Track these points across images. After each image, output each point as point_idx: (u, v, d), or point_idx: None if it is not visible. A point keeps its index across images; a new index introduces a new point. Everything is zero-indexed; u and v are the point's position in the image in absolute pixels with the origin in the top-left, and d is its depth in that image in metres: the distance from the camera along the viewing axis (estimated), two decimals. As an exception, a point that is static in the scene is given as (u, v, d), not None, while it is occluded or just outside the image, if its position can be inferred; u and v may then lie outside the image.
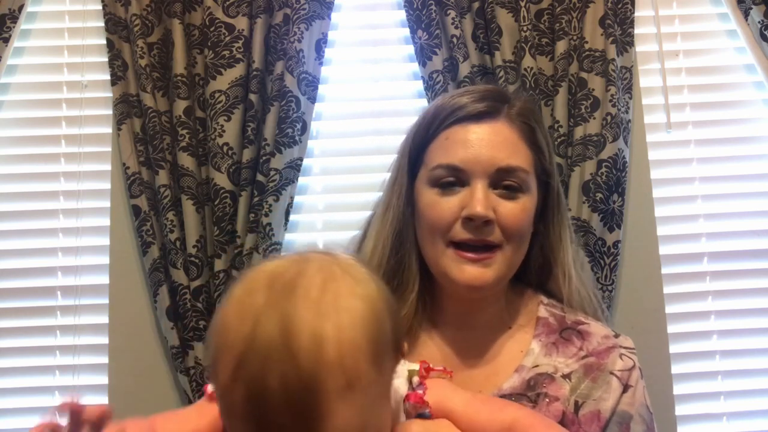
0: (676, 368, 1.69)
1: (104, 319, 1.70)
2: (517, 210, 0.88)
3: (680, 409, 1.68)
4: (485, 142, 0.88)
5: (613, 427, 0.88)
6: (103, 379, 1.68)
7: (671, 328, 1.71)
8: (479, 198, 0.86)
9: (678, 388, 1.69)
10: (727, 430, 1.69)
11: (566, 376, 0.90)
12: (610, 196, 1.63)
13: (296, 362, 0.53)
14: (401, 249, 0.93)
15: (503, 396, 0.89)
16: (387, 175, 1.00)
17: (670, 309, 1.71)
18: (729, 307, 1.73)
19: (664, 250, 1.74)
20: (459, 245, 0.88)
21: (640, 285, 1.71)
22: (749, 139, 1.79)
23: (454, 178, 0.88)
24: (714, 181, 1.77)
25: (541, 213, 0.95)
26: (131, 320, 1.69)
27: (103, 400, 1.67)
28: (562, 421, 0.86)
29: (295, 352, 0.53)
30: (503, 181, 0.88)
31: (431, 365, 0.77)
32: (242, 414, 0.54)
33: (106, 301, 1.70)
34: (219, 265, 1.61)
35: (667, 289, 1.72)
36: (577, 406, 0.88)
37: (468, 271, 0.87)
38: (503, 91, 1.06)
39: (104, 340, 1.69)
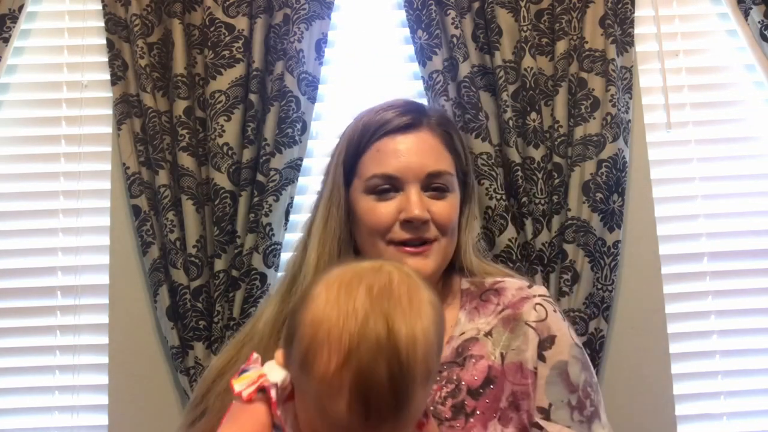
0: (676, 368, 1.69)
1: (104, 319, 1.70)
2: (447, 207, 1.00)
3: (680, 409, 1.68)
4: (413, 150, 1.00)
5: (555, 380, 0.93)
6: (103, 379, 1.68)
7: (671, 328, 1.71)
8: (415, 201, 0.97)
9: (678, 388, 1.69)
10: (727, 430, 1.69)
11: (488, 334, 0.97)
12: (610, 196, 1.63)
13: (399, 357, 0.66)
14: (342, 256, 1.01)
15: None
16: (318, 188, 1.10)
17: (670, 309, 1.71)
18: (729, 306, 1.73)
19: (664, 249, 1.74)
20: (398, 243, 0.98)
21: (640, 285, 1.71)
22: (749, 138, 1.79)
23: (389, 185, 0.99)
24: (714, 181, 1.77)
25: (460, 207, 1.06)
26: (131, 320, 1.69)
27: (103, 400, 1.67)
28: (489, 375, 0.93)
29: (398, 349, 0.66)
30: (432, 184, 1.00)
31: None
32: (349, 395, 0.65)
33: (106, 301, 1.70)
34: (219, 265, 1.61)
35: (667, 289, 1.72)
36: (503, 358, 0.95)
37: (410, 263, 0.94)
38: (420, 104, 1.16)
39: (104, 340, 1.69)
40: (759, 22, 1.70)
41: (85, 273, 1.73)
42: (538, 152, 1.64)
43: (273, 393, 0.72)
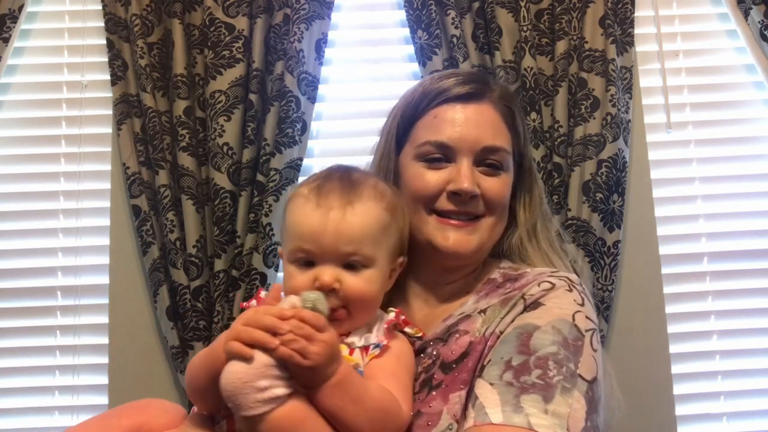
0: (676, 368, 1.69)
1: (104, 319, 1.70)
2: (499, 185, 0.94)
3: (680, 409, 1.68)
4: (472, 122, 0.94)
5: (509, 339, 0.82)
6: (103, 379, 1.68)
7: (671, 328, 1.71)
8: (466, 174, 0.91)
9: (678, 388, 1.69)
10: (727, 430, 1.69)
11: (482, 311, 0.90)
12: (610, 196, 1.63)
13: (350, 174, 0.87)
14: None
15: (425, 342, 0.90)
16: (370, 158, 1.06)
17: (670, 309, 1.71)
18: (729, 307, 1.73)
19: (664, 250, 1.74)
20: (442, 213, 0.93)
21: (640, 285, 1.71)
22: (749, 139, 1.80)
23: (441, 155, 0.94)
24: (714, 181, 1.78)
25: (513, 191, 1.00)
26: (131, 320, 1.69)
27: (103, 400, 1.67)
28: (467, 350, 0.85)
29: (350, 170, 0.88)
30: (486, 159, 0.94)
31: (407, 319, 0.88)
32: (308, 191, 0.84)
33: (106, 301, 1.71)
34: (219, 265, 1.61)
35: (667, 289, 1.72)
36: (487, 332, 0.86)
37: (452, 237, 0.92)
38: (486, 75, 1.10)
39: (104, 340, 1.69)
40: (759, 22, 1.70)
41: (85, 273, 1.73)
42: (538, 152, 1.64)
43: (262, 294, 0.88)
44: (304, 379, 0.71)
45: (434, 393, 0.83)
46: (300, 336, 0.70)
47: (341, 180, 0.85)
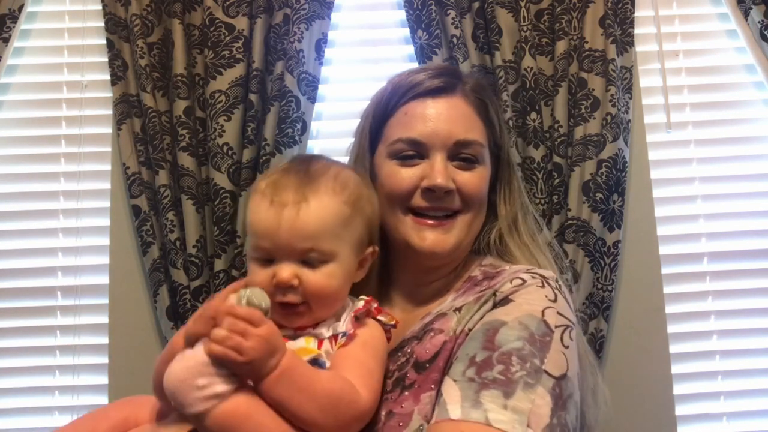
0: (676, 368, 1.69)
1: (104, 319, 1.70)
2: (474, 179, 0.93)
3: (680, 409, 1.68)
4: (443, 116, 0.92)
5: (477, 335, 0.81)
6: (103, 379, 1.68)
7: (671, 328, 1.71)
8: (439, 169, 0.90)
9: (678, 388, 1.69)
10: (727, 430, 1.69)
11: (458, 309, 0.88)
12: (610, 196, 1.63)
13: (308, 169, 0.84)
14: None
15: (403, 341, 0.89)
16: (346, 159, 1.04)
17: (670, 309, 1.71)
18: (729, 307, 1.73)
19: (664, 250, 1.74)
20: (418, 212, 0.92)
21: (640, 285, 1.71)
22: (749, 139, 1.80)
23: (414, 151, 0.92)
24: (714, 181, 1.78)
25: (492, 184, 0.98)
26: (131, 320, 1.69)
27: (103, 400, 1.67)
28: (440, 349, 0.84)
29: (309, 165, 0.86)
30: (460, 154, 0.92)
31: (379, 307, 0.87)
32: (265, 186, 0.83)
33: (106, 301, 1.71)
34: (219, 265, 1.61)
35: (667, 289, 1.72)
36: (458, 330, 0.86)
37: (429, 237, 0.90)
38: (456, 68, 1.08)
39: (104, 340, 1.69)
40: (759, 22, 1.70)
41: (85, 273, 1.74)
42: (538, 152, 1.64)
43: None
44: (245, 374, 0.72)
45: (406, 393, 0.82)
46: (234, 332, 0.71)
47: (298, 174, 0.84)
